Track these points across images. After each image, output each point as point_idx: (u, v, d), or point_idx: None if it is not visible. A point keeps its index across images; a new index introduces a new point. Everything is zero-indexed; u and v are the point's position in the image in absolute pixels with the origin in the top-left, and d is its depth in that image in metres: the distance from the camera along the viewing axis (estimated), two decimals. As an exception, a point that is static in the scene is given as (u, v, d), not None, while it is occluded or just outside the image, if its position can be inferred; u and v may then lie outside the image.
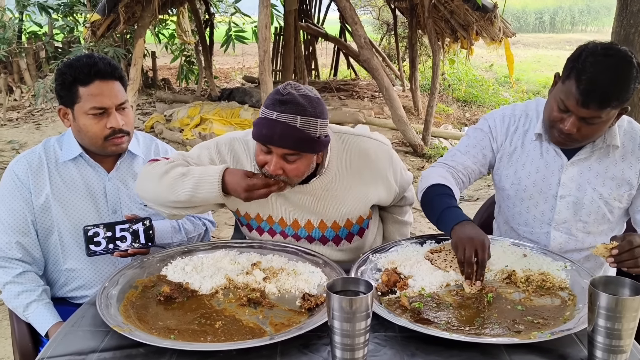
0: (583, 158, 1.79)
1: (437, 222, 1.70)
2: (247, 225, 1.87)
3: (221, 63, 14.26)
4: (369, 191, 1.82)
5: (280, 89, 1.59)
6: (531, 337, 1.28)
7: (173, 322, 1.39)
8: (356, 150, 1.80)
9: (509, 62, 7.33)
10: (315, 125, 1.58)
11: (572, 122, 1.63)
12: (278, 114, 1.55)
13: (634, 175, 1.78)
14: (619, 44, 1.63)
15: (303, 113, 1.56)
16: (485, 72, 13.28)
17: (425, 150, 6.64)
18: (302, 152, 1.60)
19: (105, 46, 7.74)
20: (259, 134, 1.59)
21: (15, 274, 1.76)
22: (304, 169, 1.65)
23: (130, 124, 1.84)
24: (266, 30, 5.47)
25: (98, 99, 1.74)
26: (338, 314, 1.15)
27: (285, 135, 1.55)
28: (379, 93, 9.22)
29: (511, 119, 1.90)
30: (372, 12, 14.44)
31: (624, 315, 1.14)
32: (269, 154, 1.60)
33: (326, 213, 1.80)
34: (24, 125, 8.05)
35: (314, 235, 1.83)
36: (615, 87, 1.55)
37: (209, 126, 7.16)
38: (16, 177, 1.79)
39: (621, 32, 3.72)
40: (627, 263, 1.50)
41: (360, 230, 1.88)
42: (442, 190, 1.76)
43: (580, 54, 1.61)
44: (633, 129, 1.80)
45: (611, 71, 1.55)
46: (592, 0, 30.93)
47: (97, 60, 1.75)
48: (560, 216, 1.83)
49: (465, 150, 1.92)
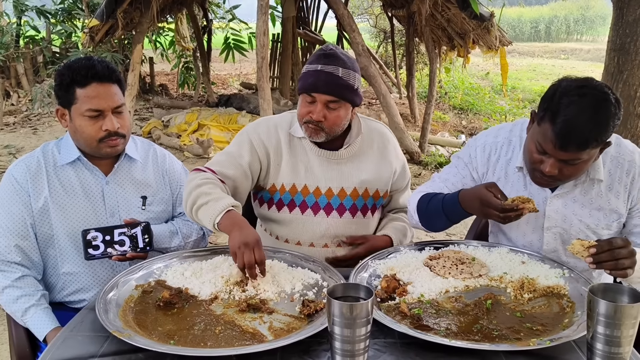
0: (566, 191, 1.73)
1: (445, 214, 1.74)
2: (269, 201, 2.00)
3: (219, 69, 14.27)
4: (386, 165, 2.04)
5: (323, 47, 1.88)
6: (530, 344, 1.28)
7: (172, 327, 1.39)
8: (376, 130, 2.07)
9: (503, 71, 7.37)
10: (355, 77, 1.85)
11: (551, 164, 1.56)
12: (322, 65, 1.81)
13: (622, 205, 1.71)
14: (615, 53, 1.61)
15: (344, 65, 1.82)
16: (481, 80, 13.36)
17: (422, 158, 6.65)
18: (343, 100, 1.83)
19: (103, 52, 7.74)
20: (304, 84, 1.84)
21: (14, 278, 1.75)
22: (343, 118, 1.88)
23: (127, 127, 1.84)
24: (264, 37, 5.48)
25: (94, 101, 1.74)
26: (338, 319, 1.16)
27: (330, 82, 1.80)
28: (376, 100, 9.24)
29: (492, 147, 1.84)
30: (369, 19, 14.50)
31: (623, 322, 1.14)
32: (313, 104, 1.84)
33: (348, 180, 1.97)
34: (21, 130, 8.03)
35: (333, 203, 1.97)
36: (594, 128, 1.47)
37: (206, 132, 7.16)
38: (15, 181, 1.79)
39: (617, 41, 3.75)
40: (607, 264, 1.43)
41: (373, 206, 2.05)
42: (430, 196, 1.83)
43: (554, 93, 1.53)
44: (621, 153, 1.71)
45: (588, 112, 1.46)
46: (587, 10, 31.17)
47: (96, 62, 1.76)
48: (549, 246, 1.80)
49: (445, 178, 1.91)
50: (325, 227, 1.97)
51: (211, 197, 1.72)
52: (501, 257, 1.73)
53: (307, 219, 1.97)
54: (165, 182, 1.99)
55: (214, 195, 1.73)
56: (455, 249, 1.79)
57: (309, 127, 1.87)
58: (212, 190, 1.75)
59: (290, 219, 1.98)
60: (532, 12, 31.63)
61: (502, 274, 1.63)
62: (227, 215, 1.66)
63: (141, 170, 1.94)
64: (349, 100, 1.85)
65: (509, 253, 1.76)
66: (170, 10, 8.76)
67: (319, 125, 1.85)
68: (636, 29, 3.69)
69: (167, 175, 1.99)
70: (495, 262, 1.70)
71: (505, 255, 1.74)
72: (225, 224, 1.65)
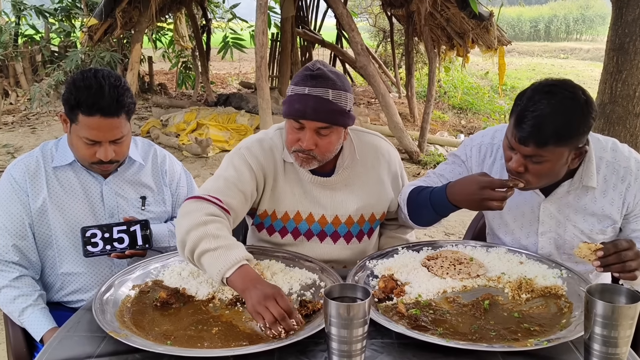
0: (559, 197, 1.72)
1: (433, 207, 1.70)
2: (259, 225, 1.88)
3: (218, 68, 14.28)
4: (383, 188, 1.90)
5: (309, 65, 1.68)
6: (528, 345, 1.28)
7: (169, 327, 1.38)
8: (371, 147, 1.90)
9: (500, 71, 7.37)
10: (346, 98, 1.67)
11: (517, 160, 1.56)
12: (310, 88, 1.62)
13: (616, 211, 1.70)
14: (615, 53, 1.61)
15: (334, 86, 1.64)
16: (480, 79, 13.35)
17: (421, 157, 6.65)
18: (335, 125, 1.66)
19: (102, 51, 7.74)
20: (291, 109, 1.64)
21: (11, 278, 1.75)
22: (335, 144, 1.72)
23: (123, 153, 1.80)
24: (263, 36, 5.48)
25: (93, 133, 1.69)
26: (335, 320, 1.15)
27: (319, 108, 1.61)
28: (375, 100, 9.25)
29: (488, 149, 1.83)
30: (368, 19, 14.49)
31: (620, 323, 1.14)
32: (302, 130, 1.66)
33: (342, 208, 1.84)
34: (19, 129, 8.02)
35: (327, 230, 1.85)
36: (554, 125, 1.47)
37: (205, 131, 7.15)
38: (14, 180, 1.78)
39: (616, 40, 3.74)
40: (615, 267, 1.44)
41: (370, 230, 1.93)
42: (419, 189, 1.79)
43: (526, 91, 1.55)
44: (617, 159, 1.69)
45: (551, 109, 1.48)
46: (586, 9, 31.15)
47: (106, 94, 1.64)
48: (544, 251, 1.80)
49: (440, 174, 1.90)
50: (319, 252, 1.86)
51: (220, 244, 1.48)
52: (499, 258, 1.73)
53: (300, 244, 1.87)
54: (165, 182, 1.98)
55: (223, 240, 1.50)
56: (453, 249, 1.79)
57: (299, 156, 1.71)
58: (220, 233, 1.52)
59: (283, 243, 1.87)
60: (532, 11, 31.61)
61: (500, 274, 1.63)
62: (240, 271, 1.44)
63: (141, 171, 1.93)
64: (341, 124, 1.68)
65: (507, 253, 1.75)
66: (169, 9, 8.75)
67: (310, 153, 1.68)
68: (635, 28, 3.68)
69: (166, 175, 1.99)
70: (493, 262, 1.70)
71: (503, 256, 1.74)
72: (237, 281, 1.43)
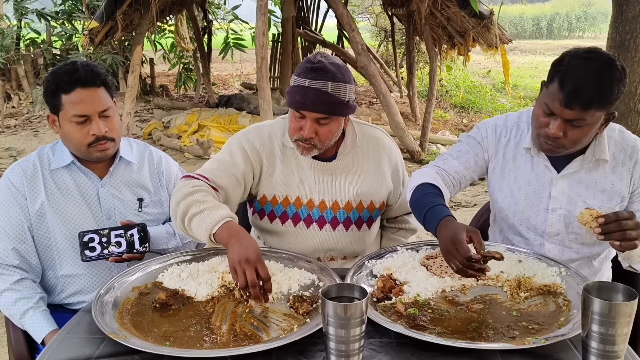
0: (572, 172, 1.77)
1: (424, 222, 1.66)
2: (260, 212, 1.93)
3: (219, 70, 14.30)
4: (382, 178, 1.95)
5: (310, 57, 1.75)
6: (526, 343, 1.28)
7: (169, 329, 1.39)
8: (372, 138, 1.97)
9: (505, 69, 7.36)
10: (345, 90, 1.73)
11: (557, 126, 1.62)
12: (310, 81, 1.69)
13: (625, 188, 1.76)
14: (615, 50, 1.64)
15: (333, 79, 1.70)
16: (482, 78, 13.34)
17: (422, 157, 6.65)
18: (334, 116, 1.74)
19: (104, 53, 7.77)
20: (292, 100, 1.73)
21: (12, 281, 1.76)
22: (335, 132, 1.79)
23: (115, 130, 1.82)
24: (263, 37, 5.49)
25: (79, 107, 1.73)
26: (333, 320, 1.16)
27: (318, 100, 1.69)
28: (376, 99, 9.24)
29: (503, 130, 1.89)
30: (369, 18, 14.50)
31: (617, 320, 1.14)
32: (303, 119, 1.74)
33: (342, 192, 1.89)
34: (21, 132, 8.06)
35: (326, 216, 1.89)
36: (597, 88, 1.55)
37: (206, 133, 7.17)
38: (11, 184, 1.80)
39: (617, 38, 3.74)
40: (615, 235, 1.49)
41: (369, 219, 1.96)
42: (428, 190, 1.73)
43: (563, 58, 1.62)
44: (624, 139, 1.78)
45: (593, 73, 1.56)
46: (589, 7, 31.10)
47: (79, 67, 1.73)
48: (553, 229, 1.82)
49: (457, 155, 1.90)
50: (318, 240, 1.90)
51: (206, 206, 1.61)
52: (498, 256, 1.72)
53: (300, 231, 1.90)
54: (162, 184, 1.99)
55: (209, 203, 1.62)
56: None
57: (300, 145, 1.78)
58: (206, 198, 1.65)
59: (283, 231, 1.91)
60: (534, 9, 31.56)
61: (498, 272, 1.63)
62: (225, 226, 1.56)
63: (137, 173, 1.94)
64: (340, 114, 1.75)
65: (505, 252, 1.75)
66: (170, 11, 8.77)
67: (311, 142, 1.76)
68: (636, 25, 3.68)
69: (163, 177, 2.00)
70: (492, 261, 1.69)
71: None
72: (222, 235, 1.54)
